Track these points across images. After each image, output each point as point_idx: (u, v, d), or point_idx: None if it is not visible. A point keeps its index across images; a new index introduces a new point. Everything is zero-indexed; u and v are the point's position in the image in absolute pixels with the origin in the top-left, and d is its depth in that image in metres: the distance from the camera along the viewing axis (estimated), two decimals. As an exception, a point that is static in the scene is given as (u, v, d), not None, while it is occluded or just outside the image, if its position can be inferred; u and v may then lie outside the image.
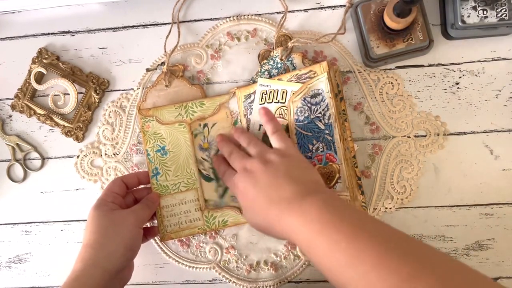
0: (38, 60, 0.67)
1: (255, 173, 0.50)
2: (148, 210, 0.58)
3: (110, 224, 0.54)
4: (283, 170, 0.49)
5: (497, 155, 0.61)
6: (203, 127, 0.63)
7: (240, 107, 0.63)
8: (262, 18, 0.64)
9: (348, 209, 0.44)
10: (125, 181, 0.60)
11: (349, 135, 0.59)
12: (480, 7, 0.57)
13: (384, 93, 0.62)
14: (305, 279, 0.63)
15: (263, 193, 0.49)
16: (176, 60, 0.65)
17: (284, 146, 0.53)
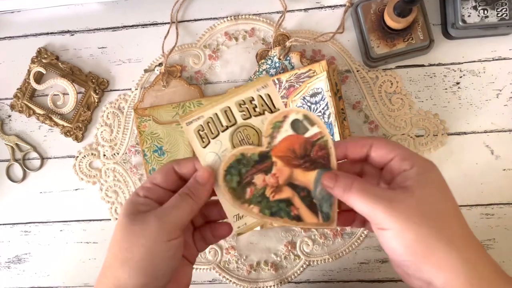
0: (37, 59, 0.66)
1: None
2: (185, 204, 0.37)
3: (125, 240, 0.36)
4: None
5: (497, 155, 0.60)
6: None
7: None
8: (260, 18, 0.64)
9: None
10: (177, 167, 0.40)
11: (348, 134, 0.59)
12: (480, 6, 0.57)
13: (382, 92, 0.62)
14: (305, 280, 0.63)
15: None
16: (174, 60, 0.65)
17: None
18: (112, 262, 0.37)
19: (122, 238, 0.37)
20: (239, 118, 0.40)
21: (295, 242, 0.63)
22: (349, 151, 0.38)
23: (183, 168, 0.40)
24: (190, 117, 0.40)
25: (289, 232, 0.63)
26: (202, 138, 0.40)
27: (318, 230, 0.62)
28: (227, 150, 0.40)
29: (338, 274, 0.63)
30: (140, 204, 0.38)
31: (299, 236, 0.62)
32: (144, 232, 0.36)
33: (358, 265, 0.62)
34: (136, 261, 0.35)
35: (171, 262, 0.37)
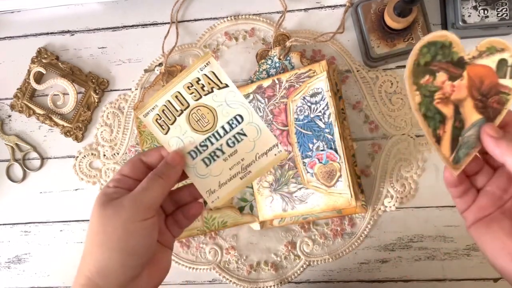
0: (37, 59, 0.66)
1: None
2: (156, 185, 0.39)
3: (100, 224, 0.38)
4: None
5: (498, 155, 0.60)
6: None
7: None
8: (260, 18, 0.64)
9: None
10: (144, 158, 0.42)
11: (348, 134, 0.59)
12: (480, 6, 0.57)
13: (383, 92, 0.62)
14: (305, 280, 0.63)
15: None
16: (174, 60, 0.65)
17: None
18: (90, 248, 0.38)
19: (97, 224, 0.38)
20: (190, 100, 0.42)
21: (295, 242, 0.63)
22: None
23: (150, 157, 0.42)
24: (145, 109, 0.42)
25: (289, 232, 0.63)
26: (161, 126, 0.42)
27: (319, 230, 0.62)
28: (188, 132, 0.42)
29: (338, 274, 0.63)
30: (111, 193, 0.39)
31: (299, 236, 0.62)
32: (118, 214, 0.37)
33: (358, 265, 0.62)
34: (113, 241, 0.37)
35: (147, 241, 0.38)
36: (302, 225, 0.62)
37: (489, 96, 0.38)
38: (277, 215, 0.59)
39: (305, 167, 0.57)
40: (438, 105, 0.38)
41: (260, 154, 0.42)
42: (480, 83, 0.38)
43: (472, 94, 0.38)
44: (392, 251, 0.62)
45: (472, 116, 0.38)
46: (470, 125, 0.38)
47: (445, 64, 0.38)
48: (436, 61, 0.38)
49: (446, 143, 0.38)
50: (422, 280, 0.61)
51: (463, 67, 0.38)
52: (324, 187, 0.56)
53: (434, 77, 0.38)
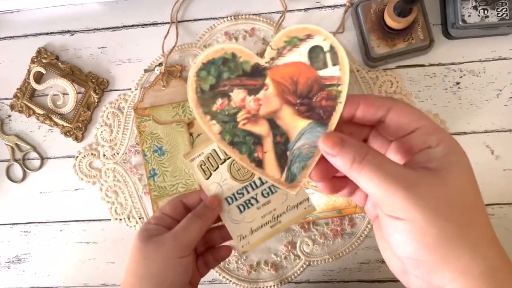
0: (37, 59, 0.66)
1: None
2: (195, 225, 0.41)
3: (141, 258, 0.41)
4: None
5: (498, 155, 0.60)
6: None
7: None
8: (259, 18, 0.64)
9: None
10: (185, 200, 0.45)
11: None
12: (480, 6, 0.57)
13: (383, 92, 0.62)
14: (305, 280, 0.63)
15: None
16: (174, 60, 0.65)
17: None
18: (130, 279, 0.41)
19: (139, 257, 0.41)
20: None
21: (295, 242, 0.62)
22: (360, 111, 0.31)
23: (190, 200, 0.45)
24: (192, 155, 0.45)
25: (289, 232, 0.63)
26: (204, 171, 0.45)
27: (319, 230, 0.62)
28: (227, 179, 0.45)
29: (338, 274, 0.63)
30: (152, 229, 0.42)
31: (299, 236, 0.62)
32: (159, 250, 0.40)
33: (358, 265, 0.62)
34: (153, 274, 0.40)
35: (183, 277, 0.41)
36: (302, 225, 0.62)
37: (311, 95, 0.31)
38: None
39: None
40: (245, 126, 0.32)
41: (291, 206, 0.44)
42: (293, 85, 0.31)
43: (286, 100, 0.31)
44: (392, 251, 0.62)
45: (296, 125, 0.32)
46: (297, 135, 0.32)
47: (237, 80, 0.31)
48: (224, 80, 0.31)
49: (271, 164, 0.32)
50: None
51: (263, 74, 0.31)
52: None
53: (228, 98, 0.32)
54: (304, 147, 0.31)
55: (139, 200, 0.65)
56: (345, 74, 0.30)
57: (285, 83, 0.31)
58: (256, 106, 0.32)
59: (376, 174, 0.27)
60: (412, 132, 0.29)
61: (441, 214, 0.26)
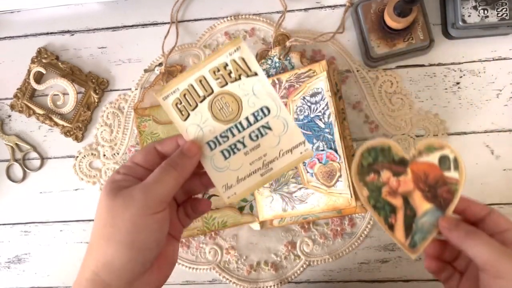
0: (37, 59, 0.66)
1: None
2: (169, 177, 0.36)
3: (108, 216, 0.35)
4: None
5: (498, 155, 0.60)
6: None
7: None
8: (260, 18, 0.64)
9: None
10: (159, 147, 0.39)
11: (348, 134, 0.59)
12: (480, 6, 0.57)
13: (383, 92, 0.62)
14: (305, 280, 0.63)
15: None
16: (174, 60, 0.65)
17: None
18: (97, 240, 0.36)
19: (106, 214, 0.35)
20: (215, 87, 0.39)
21: (295, 242, 0.62)
22: (469, 209, 0.41)
23: (165, 146, 0.39)
24: (165, 92, 0.39)
25: (289, 232, 0.63)
26: (181, 111, 0.39)
27: (319, 230, 0.62)
28: (209, 120, 0.38)
29: (338, 274, 0.63)
30: (120, 181, 0.36)
31: (299, 236, 0.62)
32: (128, 206, 0.34)
33: (358, 265, 0.62)
34: (122, 235, 0.34)
35: (157, 236, 0.36)
36: (302, 225, 0.62)
37: (437, 187, 0.41)
38: (277, 215, 0.59)
39: (305, 167, 0.57)
40: (386, 197, 0.42)
41: (285, 150, 0.39)
42: (425, 177, 0.42)
43: (419, 186, 0.42)
44: (392, 251, 0.62)
45: (423, 205, 0.41)
46: (422, 213, 0.41)
47: (388, 164, 0.42)
48: (379, 162, 0.42)
49: (400, 229, 0.42)
50: (422, 280, 0.61)
51: (406, 164, 0.42)
52: (324, 187, 0.56)
53: (378, 175, 0.42)
54: (426, 223, 0.41)
55: (139, 200, 0.65)
56: (462, 179, 0.41)
57: (420, 174, 0.42)
58: (396, 185, 0.42)
59: (487, 244, 0.37)
60: (506, 230, 0.39)
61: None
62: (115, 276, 0.35)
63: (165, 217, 0.37)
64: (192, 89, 0.39)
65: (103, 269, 0.35)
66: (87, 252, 0.37)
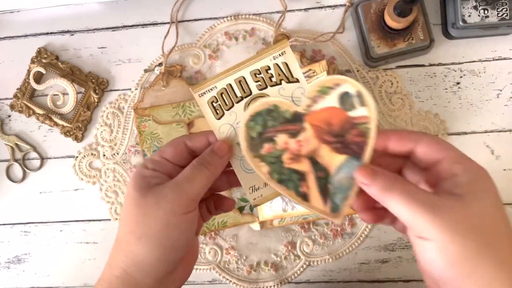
0: (37, 59, 0.66)
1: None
2: (201, 176, 0.36)
3: (139, 213, 0.35)
4: None
5: (498, 155, 0.60)
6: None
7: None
8: (260, 18, 0.64)
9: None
10: (190, 142, 0.38)
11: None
12: (481, 6, 0.57)
13: (383, 92, 0.62)
14: (305, 280, 0.63)
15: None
16: (174, 60, 0.65)
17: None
18: (127, 237, 0.35)
19: (136, 211, 0.35)
20: (254, 89, 0.38)
21: (295, 242, 0.62)
22: (391, 144, 0.34)
23: (196, 142, 0.38)
24: (202, 88, 0.38)
25: (289, 232, 0.63)
26: (216, 109, 0.38)
27: (319, 230, 0.62)
28: (242, 122, 0.37)
29: (338, 274, 0.63)
30: (150, 177, 0.36)
31: (299, 236, 0.62)
32: (160, 205, 0.34)
33: (358, 265, 0.62)
34: (153, 234, 0.34)
35: (187, 235, 0.36)
36: (302, 225, 0.62)
37: (345, 133, 0.35)
38: (277, 215, 0.59)
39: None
40: (290, 165, 0.36)
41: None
42: (328, 126, 0.35)
43: (323, 139, 0.35)
44: (392, 251, 0.62)
45: (334, 160, 0.35)
46: (335, 169, 0.35)
47: (281, 126, 0.36)
48: (269, 127, 0.36)
49: (315, 196, 0.36)
50: (422, 280, 0.61)
51: (302, 119, 0.36)
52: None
53: (274, 142, 0.36)
54: (343, 180, 0.35)
55: (139, 200, 0.65)
56: (373, 114, 0.34)
57: (321, 125, 0.35)
58: (297, 147, 0.36)
59: (404, 198, 0.30)
60: (439, 161, 0.32)
61: (462, 234, 0.29)
62: (145, 274, 0.35)
63: (195, 216, 0.36)
64: (230, 88, 0.38)
65: (133, 267, 0.35)
66: (115, 248, 0.37)
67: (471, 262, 0.29)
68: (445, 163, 0.32)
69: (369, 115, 0.34)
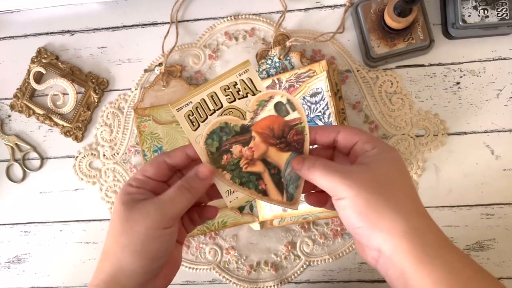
0: (37, 59, 0.66)
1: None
2: (183, 198, 0.40)
3: (124, 226, 0.39)
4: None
5: (498, 155, 0.60)
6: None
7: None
8: (259, 18, 0.64)
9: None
10: (169, 160, 0.42)
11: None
12: (481, 6, 0.57)
13: (383, 92, 0.62)
14: (305, 280, 0.63)
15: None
16: (174, 60, 0.65)
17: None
18: (113, 247, 0.39)
19: (121, 225, 0.39)
20: (224, 102, 0.43)
21: (295, 242, 0.62)
22: (318, 136, 0.41)
23: (175, 158, 0.42)
24: (179, 104, 0.43)
25: (289, 232, 0.63)
26: (192, 122, 0.43)
27: (319, 230, 0.62)
28: (201, 142, 0.43)
29: (338, 274, 0.63)
30: (135, 193, 0.40)
31: (299, 236, 0.62)
32: (144, 220, 0.38)
33: (358, 265, 0.62)
34: (136, 245, 0.38)
35: (167, 246, 0.40)
36: (302, 225, 0.62)
37: (285, 134, 0.42)
38: (277, 215, 0.59)
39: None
40: (247, 169, 0.43)
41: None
42: (270, 131, 0.42)
43: (270, 143, 0.42)
44: (392, 251, 0.62)
45: (282, 158, 0.42)
46: (284, 165, 0.42)
47: (232, 139, 0.43)
48: (224, 141, 0.42)
49: (272, 190, 0.43)
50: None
51: (249, 130, 0.42)
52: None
53: (230, 153, 0.42)
54: (292, 172, 0.42)
55: (139, 200, 0.65)
56: (303, 115, 0.41)
57: (265, 131, 0.42)
58: (250, 153, 0.43)
59: (323, 171, 0.38)
60: (355, 144, 0.39)
61: (367, 190, 0.36)
62: (128, 280, 0.39)
63: (175, 230, 0.41)
64: (204, 103, 0.43)
65: (119, 273, 0.39)
66: (103, 257, 0.40)
67: (375, 211, 0.35)
68: (359, 144, 0.39)
69: (300, 116, 0.41)
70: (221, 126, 0.43)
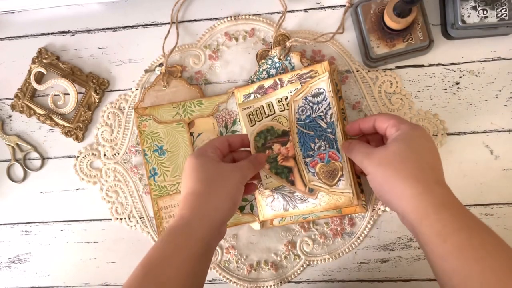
0: (38, 60, 0.67)
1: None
2: (253, 169, 0.55)
3: (218, 176, 0.51)
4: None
5: (497, 155, 0.60)
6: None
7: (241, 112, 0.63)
8: (260, 18, 0.64)
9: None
10: (230, 141, 0.56)
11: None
12: (480, 7, 0.57)
13: (382, 92, 0.62)
14: (305, 279, 0.63)
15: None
16: (175, 60, 0.65)
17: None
18: (209, 190, 0.50)
19: (214, 172, 0.51)
20: (277, 110, 0.59)
21: (295, 242, 0.63)
22: (361, 126, 0.53)
23: (233, 139, 0.56)
24: (245, 105, 0.60)
25: (289, 231, 0.63)
26: (251, 120, 0.60)
27: (319, 229, 0.62)
28: (251, 138, 0.59)
29: (338, 273, 0.63)
30: (213, 156, 0.53)
31: (299, 236, 0.63)
32: (234, 176, 0.51)
33: (358, 264, 0.62)
34: (230, 193, 0.51)
35: (241, 197, 0.53)
36: (302, 224, 0.62)
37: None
38: (278, 214, 0.59)
39: (306, 166, 0.57)
40: (282, 163, 0.58)
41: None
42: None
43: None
44: (392, 250, 0.62)
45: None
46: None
47: (275, 139, 0.58)
48: (268, 140, 0.59)
49: (299, 182, 0.57)
50: (422, 279, 0.61)
51: (288, 134, 0.58)
52: (326, 186, 0.56)
53: (271, 149, 0.58)
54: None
55: (140, 200, 0.65)
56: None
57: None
58: (286, 152, 0.58)
59: (356, 152, 0.51)
60: (386, 128, 0.50)
61: (382, 166, 0.47)
62: (219, 216, 0.50)
63: (243, 188, 0.53)
64: (262, 108, 0.60)
65: (212, 212, 0.49)
66: (193, 197, 0.50)
67: (389, 182, 0.46)
68: (388, 128, 0.50)
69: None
70: (268, 129, 0.59)
